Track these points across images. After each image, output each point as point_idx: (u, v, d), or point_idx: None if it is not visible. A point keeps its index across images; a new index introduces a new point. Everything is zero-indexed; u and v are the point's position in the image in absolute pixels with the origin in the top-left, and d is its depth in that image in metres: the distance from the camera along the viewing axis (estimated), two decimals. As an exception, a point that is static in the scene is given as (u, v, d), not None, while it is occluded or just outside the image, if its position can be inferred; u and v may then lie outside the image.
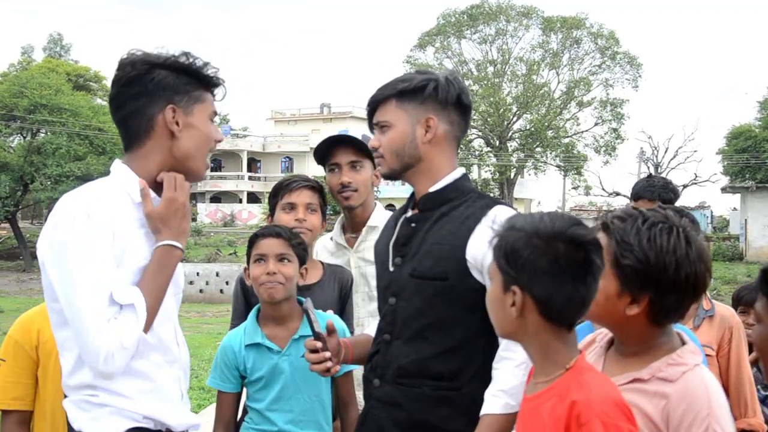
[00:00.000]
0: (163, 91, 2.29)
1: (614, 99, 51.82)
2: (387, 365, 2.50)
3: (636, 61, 51.60)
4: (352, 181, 3.41)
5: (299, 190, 3.34)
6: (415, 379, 2.44)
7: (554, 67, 51.95)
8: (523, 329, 1.79)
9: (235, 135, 61.61)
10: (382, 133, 2.54)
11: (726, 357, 3.50)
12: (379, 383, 2.52)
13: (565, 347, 1.78)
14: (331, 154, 3.45)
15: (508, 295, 1.77)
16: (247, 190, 59.46)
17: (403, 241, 2.55)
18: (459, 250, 2.40)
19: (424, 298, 2.44)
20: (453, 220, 2.46)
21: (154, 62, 2.30)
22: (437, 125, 2.50)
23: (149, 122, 2.29)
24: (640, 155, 49.73)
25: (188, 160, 2.34)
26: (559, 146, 51.44)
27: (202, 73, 2.36)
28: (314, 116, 65.97)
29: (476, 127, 51.38)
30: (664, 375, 1.84)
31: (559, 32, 51.31)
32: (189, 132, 2.32)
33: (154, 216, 2.26)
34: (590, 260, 1.72)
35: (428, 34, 52.79)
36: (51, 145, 35.93)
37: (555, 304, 1.73)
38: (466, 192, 2.53)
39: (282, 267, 2.88)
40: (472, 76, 52.44)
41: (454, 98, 2.51)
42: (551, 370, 1.78)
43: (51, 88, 37.65)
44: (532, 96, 51.02)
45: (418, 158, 2.52)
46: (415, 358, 2.44)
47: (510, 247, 1.76)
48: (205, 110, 2.36)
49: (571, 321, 1.78)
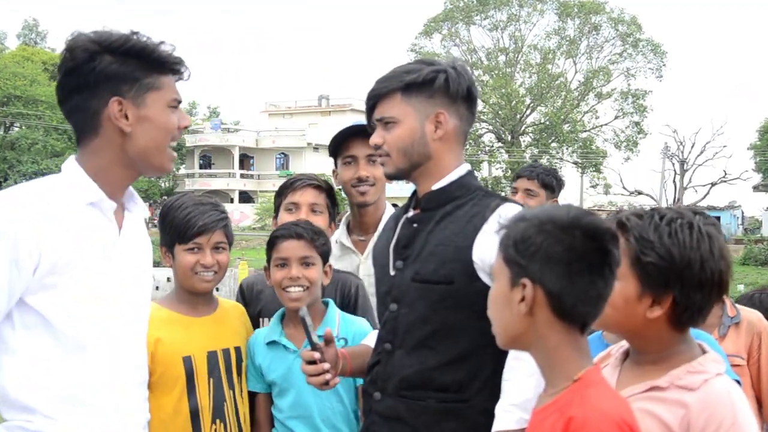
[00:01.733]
0: (107, 81, 2.13)
1: (636, 90, 51.88)
2: (388, 377, 2.49)
3: (660, 48, 51.63)
4: (370, 175, 3.38)
5: (303, 189, 3.31)
6: (419, 391, 2.43)
7: (571, 56, 51.97)
8: (532, 331, 1.73)
9: (226, 129, 61.61)
10: (387, 129, 2.52)
11: (756, 365, 3.50)
12: (380, 396, 2.51)
13: (575, 355, 1.73)
14: (346, 146, 3.42)
15: (516, 290, 1.72)
16: (239, 189, 59.49)
17: (404, 243, 2.53)
18: (465, 252, 2.38)
19: (427, 303, 2.43)
20: (458, 220, 2.45)
21: (94, 49, 2.13)
22: (448, 121, 2.49)
23: (94, 118, 2.16)
24: (664, 151, 49.72)
25: (146, 156, 2.22)
26: (576, 141, 51.43)
27: (154, 55, 2.19)
28: (311, 109, 66.04)
29: (486, 121, 51.42)
30: (684, 383, 1.84)
31: (576, 18, 51.33)
32: (142, 126, 2.18)
33: None
34: (608, 251, 1.69)
35: (435, 21, 52.85)
36: (26, 140, 36.06)
37: (569, 299, 1.68)
38: (472, 189, 2.52)
39: (305, 271, 2.88)
40: (482, 65, 52.50)
41: (465, 91, 2.50)
42: (558, 380, 1.74)
43: (26, 78, 37.78)
44: (547, 87, 51.04)
45: (427, 156, 2.50)
46: (419, 368, 2.43)
47: (520, 235, 1.72)
48: (161, 98, 2.20)
49: (585, 320, 1.72)
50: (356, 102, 59.58)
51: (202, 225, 2.85)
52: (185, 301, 2.95)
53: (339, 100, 65.24)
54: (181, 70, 2.27)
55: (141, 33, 2.19)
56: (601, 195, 54.35)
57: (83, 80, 2.14)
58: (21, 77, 37.32)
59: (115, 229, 2.25)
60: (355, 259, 3.51)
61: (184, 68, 2.27)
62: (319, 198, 3.32)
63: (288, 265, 2.88)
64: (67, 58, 2.16)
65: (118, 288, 2.24)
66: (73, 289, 2.11)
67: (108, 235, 2.23)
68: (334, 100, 65.86)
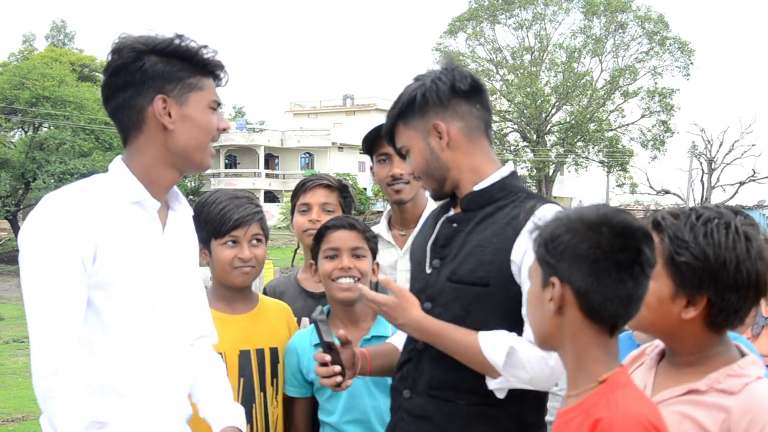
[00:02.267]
0: (152, 80, 2.23)
1: (663, 88, 51.40)
2: (419, 376, 2.49)
3: (687, 46, 51.15)
4: (404, 172, 3.35)
5: (313, 189, 3.32)
6: (449, 392, 2.42)
7: (597, 55, 51.62)
8: (561, 331, 1.73)
9: (251, 129, 61.88)
10: (409, 158, 2.56)
11: None
12: (410, 394, 2.51)
13: (603, 356, 1.71)
14: (380, 144, 3.40)
15: (547, 290, 1.72)
16: (264, 188, 59.67)
17: (442, 242, 2.52)
18: (503, 254, 2.36)
19: (462, 304, 2.41)
20: (498, 222, 2.43)
21: (141, 48, 2.23)
22: (447, 127, 2.47)
23: (139, 115, 2.25)
24: (691, 150, 49.26)
25: (187, 153, 2.30)
26: (602, 140, 51.10)
27: (198, 57, 2.28)
28: (336, 108, 66.13)
29: (512, 120, 51.26)
30: (724, 387, 1.82)
31: (602, 16, 50.97)
32: (184, 124, 2.26)
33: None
34: (639, 249, 1.66)
35: (459, 19, 52.68)
36: (54, 140, 36.29)
37: (596, 297, 1.66)
38: (515, 191, 2.49)
39: (357, 262, 2.87)
40: (507, 64, 52.31)
41: (448, 91, 2.47)
42: (583, 381, 1.72)
43: (54, 78, 38.03)
44: (573, 86, 50.73)
45: (446, 168, 2.50)
46: (451, 369, 2.41)
47: (550, 234, 1.72)
48: (202, 98, 2.30)
49: (614, 321, 1.70)
50: (380, 101, 59.61)
51: (239, 218, 2.83)
52: (222, 298, 2.92)
53: (363, 99, 65.28)
54: (220, 74, 2.35)
55: (185, 36, 2.27)
56: (627, 194, 54.02)
57: (130, 78, 2.23)
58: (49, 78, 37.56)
59: (159, 228, 2.32)
60: (395, 253, 3.49)
61: (224, 73, 2.36)
62: (331, 197, 3.32)
63: (339, 255, 2.86)
64: (114, 58, 2.24)
65: (162, 285, 2.30)
66: (122, 285, 2.19)
67: (152, 232, 2.29)
68: (358, 99, 65.90)
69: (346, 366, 2.54)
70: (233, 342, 2.83)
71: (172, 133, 2.26)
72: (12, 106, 37.73)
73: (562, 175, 55.61)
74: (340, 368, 2.49)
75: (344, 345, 2.55)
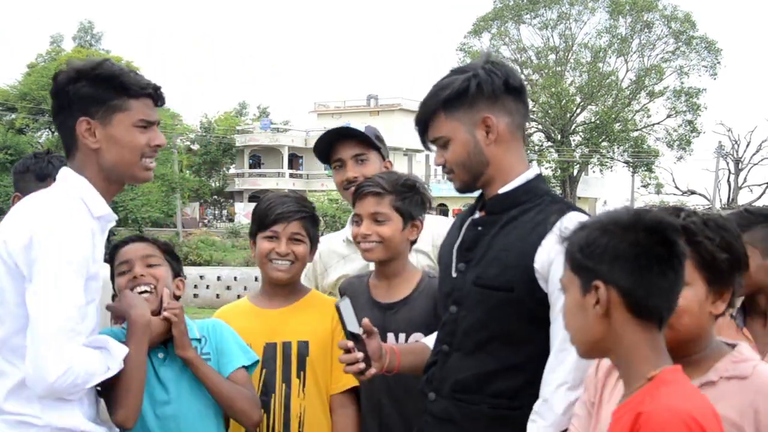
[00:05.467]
0: (79, 103, 2.41)
1: (689, 88, 51.06)
2: (444, 378, 2.49)
3: (714, 46, 50.77)
4: (358, 175, 3.30)
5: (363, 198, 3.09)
6: (473, 395, 2.43)
7: (622, 54, 51.35)
8: (610, 334, 1.77)
9: (275, 129, 62.04)
10: (444, 148, 2.51)
11: None
12: (435, 397, 2.51)
13: (652, 354, 1.76)
14: (333, 150, 3.40)
15: (589, 296, 1.77)
16: (288, 188, 59.79)
17: (467, 245, 2.51)
18: (527, 259, 2.35)
19: (487, 309, 2.41)
20: (522, 225, 2.41)
21: (70, 74, 2.43)
22: (497, 122, 2.44)
23: (71, 135, 2.45)
24: (718, 150, 48.90)
25: (117, 169, 2.48)
26: (627, 140, 50.85)
27: (119, 81, 2.43)
28: (360, 109, 66.06)
29: (536, 120, 51.06)
30: (734, 373, 1.90)
31: (628, 15, 50.70)
32: (109, 143, 2.44)
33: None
34: (674, 242, 1.74)
35: (484, 19, 52.61)
36: (79, 140, 36.53)
37: (641, 292, 1.72)
38: (540, 194, 2.48)
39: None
40: (532, 64, 52.15)
41: (502, 86, 2.45)
42: (634, 379, 1.77)
43: (81, 79, 38.29)
44: (598, 86, 50.50)
45: (486, 163, 2.47)
46: (475, 372, 2.42)
47: (584, 240, 1.78)
48: (127, 119, 2.44)
49: (661, 314, 1.76)
50: (405, 102, 59.53)
51: (280, 213, 2.93)
52: (265, 293, 3.06)
53: (388, 99, 65.19)
54: (149, 93, 2.49)
55: (110, 61, 2.48)
56: (652, 195, 53.68)
57: (63, 102, 2.46)
58: (76, 79, 37.92)
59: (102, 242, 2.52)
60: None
61: (153, 91, 2.50)
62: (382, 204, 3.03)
63: (131, 268, 2.75)
64: (53, 84, 2.48)
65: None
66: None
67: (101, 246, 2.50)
68: (382, 99, 65.84)
69: (373, 357, 2.53)
70: (260, 335, 2.94)
71: (99, 151, 2.44)
72: (39, 106, 38.14)
73: (586, 175, 55.32)
74: (362, 355, 2.49)
75: (369, 335, 2.55)
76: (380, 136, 3.48)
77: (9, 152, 37.43)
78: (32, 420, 2.29)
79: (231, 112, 62.74)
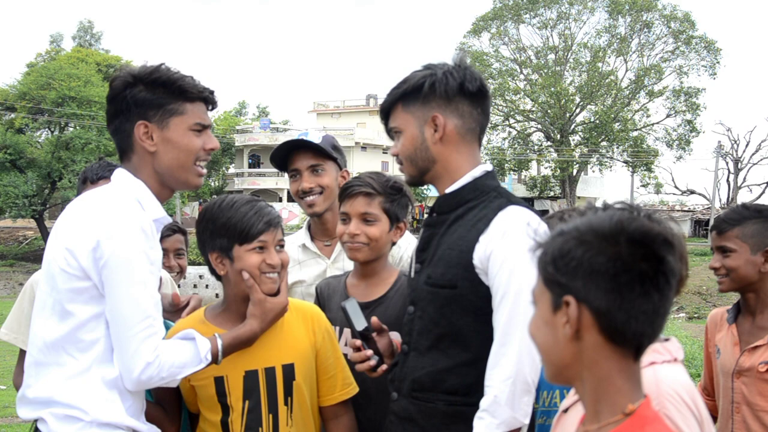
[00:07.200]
0: (136, 107, 2.48)
1: (689, 88, 51.03)
2: (403, 378, 2.55)
3: (714, 45, 50.72)
4: (313, 185, 3.40)
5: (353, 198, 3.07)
6: (429, 393, 2.48)
7: (622, 54, 51.31)
8: (579, 359, 1.53)
9: (275, 129, 61.98)
10: (397, 139, 2.58)
11: None
12: (397, 396, 2.58)
13: (627, 385, 1.52)
14: (290, 160, 3.46)
15: (559, 314, 1.52)
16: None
17: (421, 246, 2.58)
18: (466, 256, 2.40)
19: (436, 307, 2.47)
20: (465, 224, 2.46)
21: (127, 79, 2.49)
22: (445, 122, 2.49)
23: (128, 139, 2.51)
24: (717, 149, 48.85)
25: (171, 173, 2.53)
26: (626, 140, 50.78)
27: (176, 85, 2.49)
28: (359, 108, 66.14)
29: (535, 120, 51.06)
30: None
31: (627, 15, 50.66)
32: (166, 146, 2.50)
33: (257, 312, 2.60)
34: (662, 258, 1.48)
35: (483, 19, 52.56)
36: (80, 140, 36.64)
37: (620, 315, 1.47)
38: (486, 191, 2.50)
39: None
40: (531, 64, 52.11)
41: (456, 89, 2.49)
42: (605, 414, 1.53)
43: (80, 79, 38.40)
44: (597, 85, 50.46)
45: (431, 160, 2.52)
46: (430, 370, 2.47)
47: (558, 250, 1.53)
48: (183, 122, 2.51)
49: (640, 342, 1.51)
50: (404, 101, 59.41)
51: (268, 221, 2.65)
52: (237, 313, 2.69)
53: (387, 99, 65.19)
54: (205, 96, 2.55)
55: (166, 66, 2.51)
56: (652, 194, 53.69)
57: (119, 106, 2.50)
58: (75, 78, 37.90)
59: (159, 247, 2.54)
60: (322, 263, 3.49)
61: (209, 95, 2.56)
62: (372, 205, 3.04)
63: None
64: (109, 90, 2.53)
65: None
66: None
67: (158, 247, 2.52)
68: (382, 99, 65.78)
69: (384, 354, 2.62)
70: (238, 363, 2.65)
71: (156, 154, 2.50)
72: (39, 106, 38.13)
73: (586, 174, 55.29)
74: (372, 352, 2.58)
75: (379, 333, 2.62)
76: (338, 146, 3.54)
77: (8, 152, 37.45)
78: (80, 414, 2.33)
79: (230, 112, 62.76)
